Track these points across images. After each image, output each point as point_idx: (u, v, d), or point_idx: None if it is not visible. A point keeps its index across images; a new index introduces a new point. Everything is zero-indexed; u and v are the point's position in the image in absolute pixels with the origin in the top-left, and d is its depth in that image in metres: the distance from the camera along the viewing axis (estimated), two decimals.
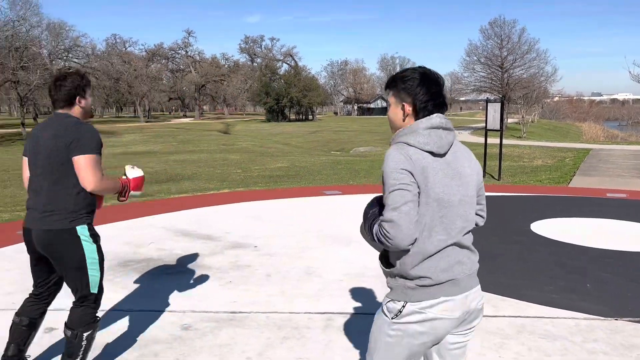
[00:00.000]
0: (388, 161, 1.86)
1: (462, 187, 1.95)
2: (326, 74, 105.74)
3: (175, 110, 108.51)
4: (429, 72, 1.97)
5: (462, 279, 1.94)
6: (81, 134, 2.80)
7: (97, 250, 2.96)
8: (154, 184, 12.04)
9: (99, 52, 57.05)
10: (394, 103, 2.01)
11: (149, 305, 4.22)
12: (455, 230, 1.92)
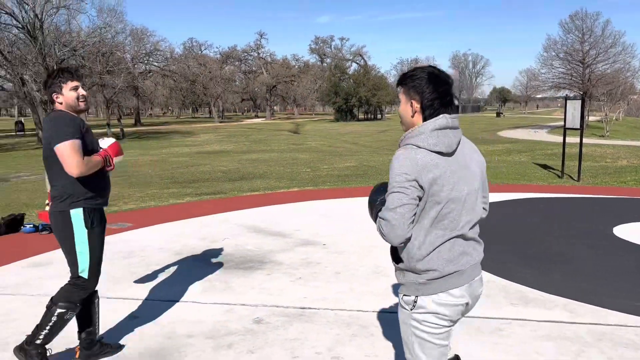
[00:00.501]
0: (395, 163, 1.96)
1: (469, 182, 2.05)
2: (396, 72, 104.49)
3: (247, 111, 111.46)
4: (437, 72, 2.05)
5: (467, 270, 2.05)
6: (54, 124, 2.94)
7: (87, 235, 3.04)
8: (227, 182, 12.47)
9: (176, 56, 59.65)
10: (404, 100, 2.08)
11: (223, 298, 4.40)
12: (461, 223, 2.02)
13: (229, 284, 4.74)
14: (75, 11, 33.23)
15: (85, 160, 2.92)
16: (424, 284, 2.01)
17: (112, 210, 8.64)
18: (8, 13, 30.15)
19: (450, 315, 2.03)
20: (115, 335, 3.69)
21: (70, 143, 2.87)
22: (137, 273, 5.08)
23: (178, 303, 4.29)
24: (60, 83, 3.04)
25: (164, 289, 4.63)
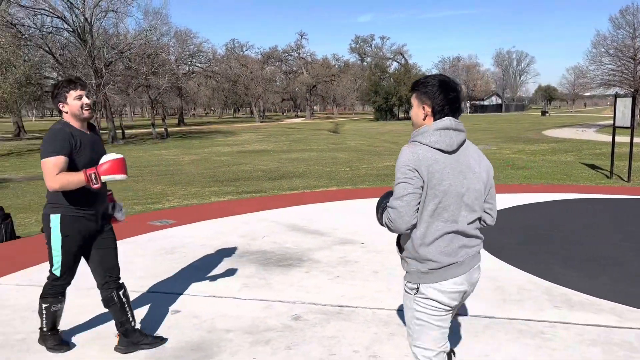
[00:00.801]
0: (400, 157, 2.18)
1: (469, 181, 2.21)
2: (437, 71, 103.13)
3: (287, 111, 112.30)
4: (447, 80, 2.25)
5: (466, 260, 2.25)
6: (46, 138, 3.12)
7: (61, 240, 3.21)
8: (267, 181, 12.60)
9: (219, 57, 60.68)
10: (416, 105, 2.28)
11: (262, 295, 4.45)
12: (460, 218, 2.21)
13: (268, 281, 4.79)
14: (122, 14, 34.31)
15: (63, 178, 3.01)
16: (425, 273, 2.23)
17: (155, 208, 8.88)
18: (59, 17, 31.40)
19: (448, 302, 2.24)
20: (158, 328, 3.79)
21: (48, 160, 3.03)
22: (179, 269, 5.20)
23: (218, 298, 4.37)
24: (65, 93, 3.17)
25: (205, 284, 4.72)
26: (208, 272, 5.10)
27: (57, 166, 3.03)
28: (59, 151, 3.05)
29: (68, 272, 3.34)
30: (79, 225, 3.23)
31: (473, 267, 2.28)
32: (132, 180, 13.41)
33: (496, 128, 39.30)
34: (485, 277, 4.76)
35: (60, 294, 3.40)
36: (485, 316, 3.91)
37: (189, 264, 5.37)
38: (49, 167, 3.03)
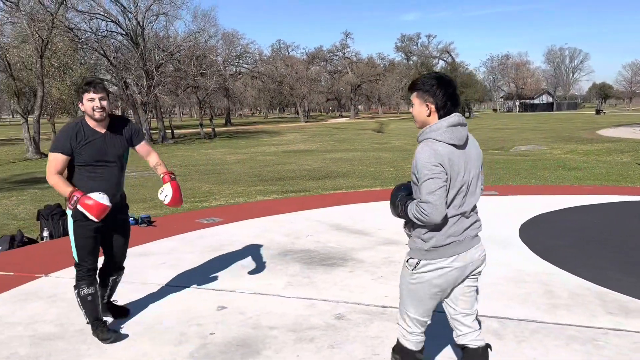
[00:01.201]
0: (421, 156, 2.32)
1: (473, 169, 2.46)
2: (485, 69, 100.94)
3: (332, 111, 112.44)
4: (444, 77, 2.44)
5: (466, 239, 2.46)
6: (58, 133, 3.58)
7: (72, 225, 3.53)
8: (311, 180, 12.68)
9: (265, 57, 61.49)
10: (418, 103, 2.45)
11: (306, 293, 4.49)
12: (466, 203, 2.44)
13: (312, 280, 4.83)
14: (172, 17, 35.27)
15: (56, 181, 3.43)
16: (428, 251, 2.43)
17: (203, 206, 9.10)
18: (114, 21, 32.59)
19: (441, 283, 2.46)
20: (205, 323, 3.89)
21: (53, 156, 3.46)
22: (226, 266, 5.32)
23: (263, 296, 4.44)
24: (82, 94, 3.48)
25: (250, 281, 4.81)
26: (253, 269, 5.20)
27: (56, 162, 3.44)
28: (60, 149, 3.44)
29: (85, 257, 3.55)
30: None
31: (473, 246, 2.49)
32: (180, 179, 13.75)
33: (546, 127, 38.09)
34: (534, 281, 4.64)
35: (85, 279, 3.58)
36: (534, 320, 3.82)
37: (235, 261, 5.48)
38: (50, 162, 3.46)
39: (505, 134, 33.55)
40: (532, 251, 5.59)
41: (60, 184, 3.42)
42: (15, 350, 3.50)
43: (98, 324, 3.61)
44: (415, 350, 2.61)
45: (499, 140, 28.46)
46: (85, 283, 3.58)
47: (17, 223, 8.42)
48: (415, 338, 2.60)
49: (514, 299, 4.26)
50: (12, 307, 4.29)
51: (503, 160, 16.58)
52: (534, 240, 6.01)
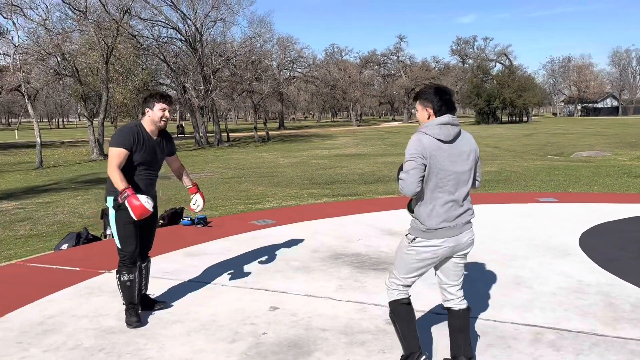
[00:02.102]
0: (410, 142, 2.90)
1: (463, 162, 2.94)
2: (545, 72, 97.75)
3: (384, 114, 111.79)
4: (441, 87, 3.03)
5: (458, 225, 2.94)
6: (118, 131, 3.94)
7: (115, 214, 3.86)
8: (363, 184, 12.67)
9: (318, 62, 61.91)
10: (421, 109, 3.01)
11: (357, 297, 4.50)
12: (457, 192, 2.93)
13: (363, 284, 4.84)
14: (229, 23, 36.23)
15: (115, 174, 3.74)
16: (424, 231, 2.93)
17: (257, 208, 9.27)
18: (174, 28, 33.78)
19: (431, 256, 2.95)
20: (258, 323, 3.97)
21: (115, 150, 3.78)
22: (278, 267, 5.41)
23: (314, 298, 4.49)
24: (155, 101, 3.90)
25: (302, 283, 4.87)
26: (305, 271, 5.26)
27: (118, 156, 3.77)
28: (123, 144, 3.78)
29: (127, 242, 3.89)
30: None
31: (464, 231, 2.97)
32: (235, 181, 14.11)
33: (611, 132, 36.37)
34: (595, 292, 4.47)
35: (126, 265, 3.90)
36: (594, 333, 3.67)
37: (287, 263, 5.56)
38: (112, 156, 3.79)
39: (566, 139, 32.29)
40: (594, 261, 5.38)
41: (119, 178, 3.73)
42: (81, 341, 3.70)
43: (131, 307, 3.93)
44: (398, 299, 3.13)
45: (559, 145, 27.44)
46: (126, 270, 3.91)
47: (83, 221, 8.88)
48: (397, 291, 3.13)
49: (573, 310, 4.11)
50: (78, 300, 4.54)
51: (563, 166, 15.98)
52: (595, 250, 5.78)
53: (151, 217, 3.99)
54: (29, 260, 5.96)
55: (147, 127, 3.92)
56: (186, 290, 4.74)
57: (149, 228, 4.17)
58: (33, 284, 5.02)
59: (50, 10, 26.70)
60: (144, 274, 4.20)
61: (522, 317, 3.98)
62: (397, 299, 3.11)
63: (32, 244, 7.13)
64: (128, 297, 3.93)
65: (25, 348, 3.62)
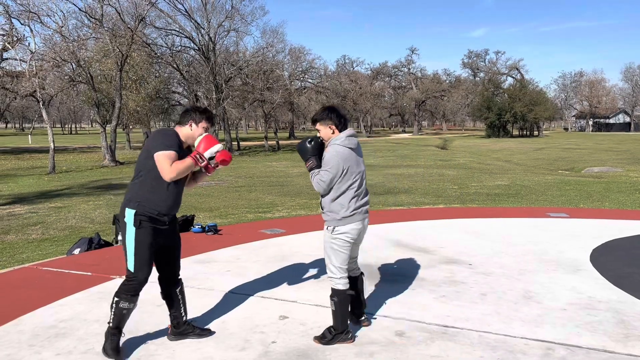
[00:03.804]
0: (328, 155, 3.65)
1: (363, 164, 3.82)
2: (556, 86, 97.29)
3: (394, 126, 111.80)
4: (333, 106, 3.87)
5: (362, 211, 3.76)
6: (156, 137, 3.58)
7: (134, 232, 3.45)
8: (372, 196, 12.67)
9: (330, 73, 62.15)
10: (324, 128, 3.75)
11: (367, 307, 4.50)
12: (362, 188, 3.77)
13: (372, 295, 4.84)
14: (242, 33, 36.55)
15: (176, 166, 3.40)
16: (339, 220, 3.69)
17: (266, 217, 9.31)
18: (188, 37, 34.14)
19: (350, 237, 3.72)
20: (267, 332, 3.99)
21: (168, 153, 3.41)
22: (287, 276, 5.43)
23: (323, 308, 4.49)
24: (203, 118, 3.60)
25: (311, 293, 4.88)
26: (314, 281, 5.27)
27: (172, 158, 3.41)
28: (172, 147, 3.44)
29: (141, 268, 3.47)
30: (150, 222, 3.48)
31: (365, 217, 3.80)
32: (245, 189, 14.17)
33: (623, 148, 36.12)
34: (607, 309, 4.44)
35: (132, 293, 3.50)
36: (605, 350, 3.65)
37: (296, 272, 5.58)
38: (165, 159, 3.39)
39: (577, 154, 32.11)
40: (605, 277, 5.34)
41: (179, 165, 3.42)
42: (92, 345, 3.74)
43: (115, 332, 3.54)
44: (344, 289, 3.75)
45: (570, 160, 27.30)
46: (128, 298, 3.50)
47: (94, 226, 8.96)
48: (342, 281, 3.75)
49: (583, 326, 4.08)
50: (89, 305, 4.58)
51: (574, 181, 15.90)
52: (606, 266, 5.74)
53: (172, 238, 3.70)
54: (41, 264, 6.03)
55: (182, 137, 3.58)
56: (196, 297, 4.76)
57: (173, 250, 3.77)
58: (45, 288, 5.08)
59: (67, 18, 27.02)
60: (180, 299, 3.81)
61: (532, 332, 3.96)
62: (344, 289, 3.73)
63: (44, 248, 7.20)
64: (116, 322, 3.53)
65: (38, 351, 3.66)
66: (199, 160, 3.48)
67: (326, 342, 3.73)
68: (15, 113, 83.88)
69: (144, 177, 3.49)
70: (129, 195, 3.52)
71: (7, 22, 26.39)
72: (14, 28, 26.73)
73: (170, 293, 3.80)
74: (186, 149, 3.62)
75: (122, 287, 3.53)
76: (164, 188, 3.49)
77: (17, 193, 14.71)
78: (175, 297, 3.81)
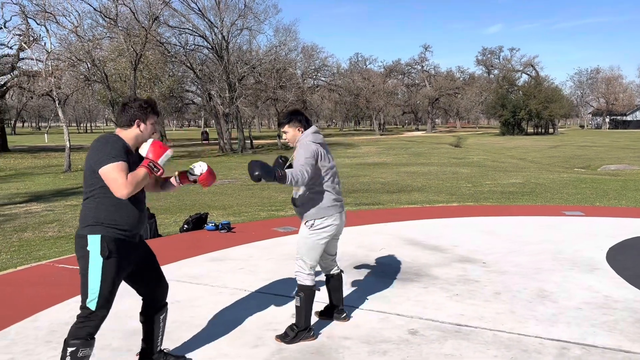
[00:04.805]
0: (302, 150, 3.65)
1: (332, 161, 3.86)
2: (572, 83, 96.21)
3: (408, 124, 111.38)
4: (296, 109, 4.05)
5: (340, 205, 3.85)
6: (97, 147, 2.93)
7: (101, 264, 2.85)
8: (385, 194, 12.64)
9: (343, 71, 62.07)
10: (292, 129, 3.81)
11: (379, 306, 4.50)
12: (336, 181, 3.85)
13: (385, 293, 4.84)
14: (255, 32, 36.56)
15: (132, 179, 2.83)
16: (318, 212, 3.72)
17: (279, 215, 9.33)
18: (201, 36, 34.28)
19: (329, 230, 3.77)
20: (280, 329, 4.00)
21: (118, 165, 2.82)
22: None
23: None
24: (149, 113, 3.05)
25: (324, 291, 4.86)
26: None
27: (124, 170, 2.83)
28: (119, 156, 2.85)
29: (105, 305, 2.91)
30: (120, 247, 2.92)
31: (341, 211, 3.85)
32: (258, 188, 14.21)
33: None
34: (623, 308, 4.38)
35: (91, 334, 2.90)
36: (621, 350, 3.61)
37: None
38: (116, 172, 2.80)
39: (593, 151, 31.73)
40: (621, 277, 5.28)
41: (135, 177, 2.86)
42: (109, 342, 3.78)
43: None
44: (312, 285, 3.77)
45: (586, 158, 26.97)
46: (90, 342, 2.91)
47: None
48: (311, 277, 3.77)
49: (599, 325, 4.04)
50: None
51: (590, 179, 15.71)
52: (623, 265, 5.67)
53: (143, 250, 3.21)
54: (57, 261, 6.12)
55: (129, 142, 3.00)
56: (210, 294, 4.80)
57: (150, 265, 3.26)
58: (62, 285, 5.15)
59: (82, 18, 27.30)
60: (161, 326, 3.34)
61: (547, 332, 3.93)
62: (312, 284, 3.77)
63: (60, 246, 7.29)
64: None
65: (54, 347, 3.71)
66: (153, 169, 2.94)
67: (289, 341, 3.73)
68: (31, 112, 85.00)
69: (99, 196, 2.89)
70: (88, 218, 2.90)
71: (23, 23, 26.80)
72: (30, 28, 27.09)
73: (152, 318, 3.31)
74: (137, 153, 3.05)
75: (77, 330, 2.88)
76: (127, 203, 2.93)
77: (34, 191, 14.92)
78: (157, 324, 3.32)
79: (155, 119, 3.10)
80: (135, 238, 3.06)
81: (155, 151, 3.00)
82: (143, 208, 3.09)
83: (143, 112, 3.02)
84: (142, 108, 3.03)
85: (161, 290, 3.33)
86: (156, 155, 2.98)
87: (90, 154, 2.89)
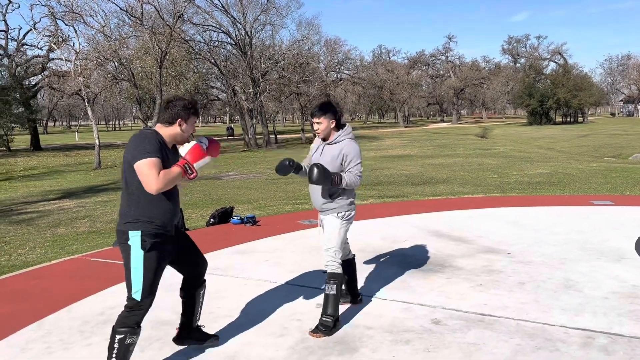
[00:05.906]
0: (353, 147, 3.94)
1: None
2: (602, 70, 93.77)
3: (432, 115, 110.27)
4: (330, 101, 4.17)
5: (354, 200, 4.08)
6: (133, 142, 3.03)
7: (142, 257, 2.99)
8: (410, 186, 12.61)
9: (366, 63, 61.75)
10: (327, 121, 3.91)
11: (402, 296, 4.54)
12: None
13: (408, 284, 4.86)
14: (278, 27, 36.70)
15: (164, 177, 2.91)
16: (349, 205, 3.98)
17: (304, 208, 9.41)
18: (224, 32, 34.55)
19: (353, 220, 4.02)
20: (305, 319, 4.08)
21: (152, 160, 2.89)
22: (323, 266, 5.49)
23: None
24: (191, 114, 3.12)
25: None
26: None
27: (157, 166, 2.90)
28: (154, 152, 2.93)
29: (149, 296, 3.07)
30: (159, 240, 3.06)
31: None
32: (283, 181, 14.32)
33: None
34: None
35: (137, 323, 3.07)
36: None
37: None
38: (148, 168, 2.88)
39: (624, 140, 30.94)
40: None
41: (167, 175, 2.94)
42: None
43: None
44: (341, 272, 3.94)
45: (616, 146, 26.34)
46: (136, 330, 3.07)
47: None
48: (340, 265, 3.94)
49: (626, 315, 4.00)
50: None
51: (620, 168, 15.36)
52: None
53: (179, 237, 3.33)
54: (89, 255, 6.32)
55: (167, 138, 3.09)
56: (236, 285, 4.90)
57: (188, 247, 3.42)
58: (94, 277, 5.33)
59: (109, 17, 27.84)
60: (201, 302, 3.54)
61: (572, 321, 3.91)
62: (342, 272, 3.94)
63: (92, 240, 7.52)
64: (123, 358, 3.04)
65: (87, 337, 3.86)
66: (187, 171, 3.01)
67: (329, 332, 3.76)
68: (62, 111, 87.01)
69: (137, 192, 2.99)
70: (127, 215, 3.03)
71: (52, 24, 27.44)
72: (59, 29, 27.72)
73: (194, 295, 3.49)
74: (172, 149, 3.15)
75: (125, 319, 3.05)
76: (164, 198, 3.05)
77: (66, 188, 15.34)
78: (197, 299, 3.50)
79: (195, 119, 3.18)
80: (172, 231, 3.17)
81: (195, 154, 3.07)
82: (176, 203, 3.18)
83: (186, 112, 3.10)
84: (186, 108, 3.10)
85: (200, 269, 3.50)
86: (194, 158, 3.06)
87: (128, 149, 3.00)
